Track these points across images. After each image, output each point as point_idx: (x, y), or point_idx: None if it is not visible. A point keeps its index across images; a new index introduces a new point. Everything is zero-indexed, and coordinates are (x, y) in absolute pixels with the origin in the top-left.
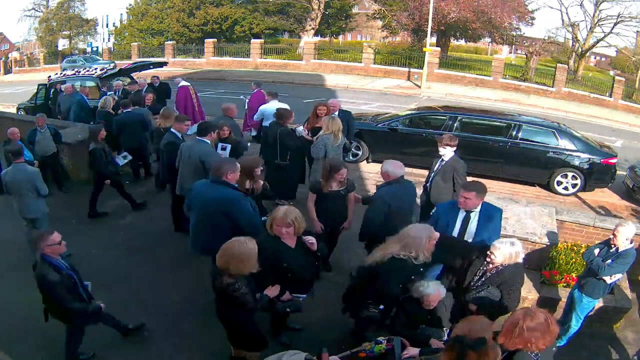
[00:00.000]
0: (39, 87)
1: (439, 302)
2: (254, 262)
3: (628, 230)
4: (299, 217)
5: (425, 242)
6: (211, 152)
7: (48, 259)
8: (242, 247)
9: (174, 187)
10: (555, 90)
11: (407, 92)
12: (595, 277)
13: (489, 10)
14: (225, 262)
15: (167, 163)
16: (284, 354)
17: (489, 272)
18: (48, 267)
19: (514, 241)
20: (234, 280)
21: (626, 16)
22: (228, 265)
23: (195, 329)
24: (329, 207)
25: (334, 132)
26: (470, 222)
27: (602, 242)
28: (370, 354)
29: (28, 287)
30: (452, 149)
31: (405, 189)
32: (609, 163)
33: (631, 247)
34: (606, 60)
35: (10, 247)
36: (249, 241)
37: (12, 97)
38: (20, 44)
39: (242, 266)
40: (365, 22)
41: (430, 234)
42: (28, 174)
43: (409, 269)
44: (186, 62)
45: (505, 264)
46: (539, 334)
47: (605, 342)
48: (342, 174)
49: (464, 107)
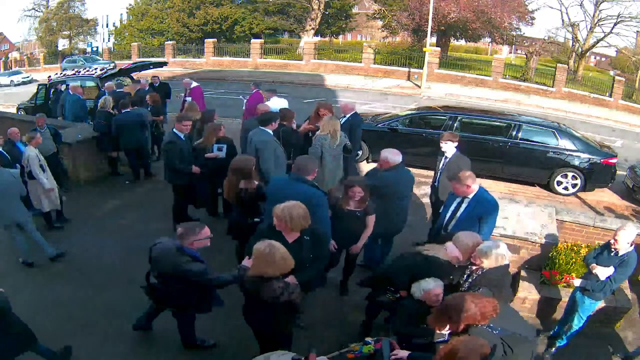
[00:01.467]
0: (39, 87)
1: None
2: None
3: (629, 234)
4: (294, 214)
5: (472, 247)
6: (268, 141)
7: (188, 250)
8: (280, 249)
9: (176, 186)
10: (555, 90)
11: (407, 92)
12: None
13: (489, 10)
14: (275, 268)
15: (167, 163)
16: (272, 354)
17: (474, 273)
18: (188, 257)
19: (498, 243)
20: (283, 284)
21: (626, 16)
22: (276, 270)
23: (198, 329)
24: (339, 228)
25: (331, 133)
26: (461, 207)
27: (602, 246)
28: (358, 354)
29: (28, 288)
30: (453, 144)
31: (403, 175)
32: (609, 163)
33: (631, 250)
34: (606, 60)
35: (10, 247)
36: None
37: (12, 97)
38: (20, 44)
39: (286, 266)
40: (365, 22)
41: (477, 240)
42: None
43: (448, 272)
44: (186, 62)
45: (493, 266)
46: (474, 309)
47: (605, 342)
48: (354, 192)
49: (464, 107)
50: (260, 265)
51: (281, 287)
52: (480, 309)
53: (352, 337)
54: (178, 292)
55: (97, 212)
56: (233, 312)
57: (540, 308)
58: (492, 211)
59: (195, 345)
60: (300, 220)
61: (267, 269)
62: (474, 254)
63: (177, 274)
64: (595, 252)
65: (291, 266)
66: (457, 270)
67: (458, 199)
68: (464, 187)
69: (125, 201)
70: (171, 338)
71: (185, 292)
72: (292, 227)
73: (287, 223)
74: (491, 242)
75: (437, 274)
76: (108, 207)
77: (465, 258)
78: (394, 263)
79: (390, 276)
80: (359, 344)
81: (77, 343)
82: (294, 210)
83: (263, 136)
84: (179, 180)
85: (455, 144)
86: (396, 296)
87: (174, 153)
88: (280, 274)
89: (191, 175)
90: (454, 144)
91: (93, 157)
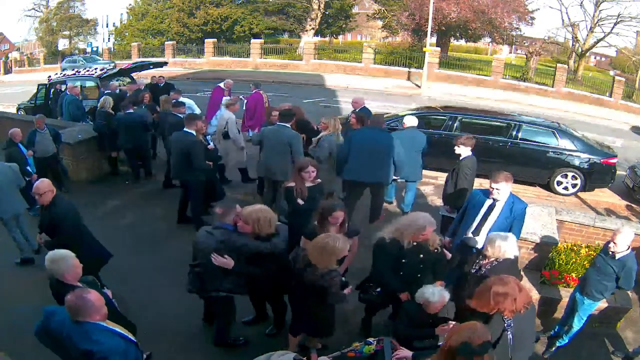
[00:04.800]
0: (39, 87)
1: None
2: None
3: (626, 236)
4: (262, 219)
5: (413, 230)
6: (297, 135)
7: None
8: (335, 243)
9: (196, 185)
10: (555, 90)
11: (407, 92)
12: (597, 279)
13: (489, 10)
14: (323, 257)
15: (195, 163)
16: (272, 354)
17: (484, 267)
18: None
19: (508, 235)
20: (328, 271)
21: (626, 16)
22: (328, 259)
23: (198, 329)
24: None
25: (337, 132)
26: (494, 210)
27: (602, 250)
28: (359, 354)
29: (27, 287)
30: (466, 147)
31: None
32: (609, 163)
33: (629, 253)
34: (606, 60)
35: (9, 247)
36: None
37: (12, 97)
38: (20, 44)
39: (334, 258)
40: (365, 22)
41: (423, 225)
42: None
43: (394, 252)
44: (186, 62)
45: (500, 258)
46: (509, 299)
47: (605, 342)
48: (336, 217)
49: (464, 107)
50: (314, 253)
51: (324, 274)
52: (522, 298)
53: (353, 337)
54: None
55: (97, 212)
56: None
57: (540, 308)
58: (524, 209)
59: (227, 344)
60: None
61: (320, 257)
62: (485, 244)
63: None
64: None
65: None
66: (407, 248)
67: (490, 201)
68: (506, 190)
69: (125, 201)
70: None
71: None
72: (258, 230)
73: (256, 227)
74: (501, 233)
75: (385, 254)
76: (108, 207)
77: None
78: (375, 262)
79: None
80: (360, 344)
81: None
82: (260, 215)
83: (291, 132)
84: (201, 178)
85: (469, 148)
86: (377, 291)
87: (200, 152)
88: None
89: (207, 171)
90: (468, 148)
91: (93, 157)
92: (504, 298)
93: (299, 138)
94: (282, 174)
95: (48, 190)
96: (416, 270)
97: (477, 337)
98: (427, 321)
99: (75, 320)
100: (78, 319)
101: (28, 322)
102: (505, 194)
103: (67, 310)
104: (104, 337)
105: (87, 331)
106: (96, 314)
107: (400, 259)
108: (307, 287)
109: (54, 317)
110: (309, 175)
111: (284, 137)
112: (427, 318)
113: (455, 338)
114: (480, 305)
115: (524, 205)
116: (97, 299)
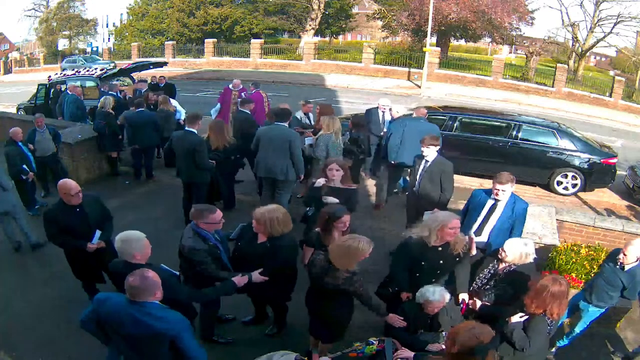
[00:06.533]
0: (39, 87)
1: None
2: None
3: (638, 248)
4: (275, 219)
5: (439, 223)
6: (295, 133)
7: (198, 230)
8: (358, 244)
9: (201, 185)
10: (555, 90)
11: (407, 92)
12: (603, 289)
13: (489, 10)
14: (347, 259)
15: (200, 163)
16: (274, 354)
17: (500, 271)
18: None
19: (526, 241)
20: (350, 274)
21: (626, 16)
22: (351, 261)
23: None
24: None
25: (335, 131)
26: (496, 210)
27: (608, 259)
28: (360, 354)
29: (27, 287)
30: (435, 148)
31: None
32: (609, 163)
33: (638, 264)
34: (606, 60)
35: (8, 247)
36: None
37: (12, 97)
38: (20, 44)
39: (356, 260)
40: (365, 22)
41: (448, 218)
42: None
43: (415, 253)
44: (186, 62)
45: (517, 263)
46: (559, 302)
47: (605, 342)
48: (343, 222)
49: (464, 107)
50: (337, 255)
51: (346, 277)
52: (561, 306)
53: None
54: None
55: None
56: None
57: None
58: (525, 210)
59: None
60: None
61: (345, 260)
62: (501, 248)
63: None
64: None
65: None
66: (430, 250)
67: (491, 202)
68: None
69: (126, 201)
70: None
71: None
72: (270, 232)
73: (268, 228)
74: (520, 239)
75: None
76: (108, 207)
77: (442, 242)
78: (393, 259)
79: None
80: (362, 344)
81: (77, 343)
82: (272, 215)
83: (288, 130)
84: (207, 178)
85: (437, 148)
86: (395, 289)
87: (205, 152)
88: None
89: (211, 170)
90: (436, 148)
91: (93, 157)
92: (559, 300)
93: (297, 136)
94: (282, 173)
95: (79, 190)
96: (432, 277)
97: (484, 335)
98: (425, 323)
99: (134, 301)
100: (139, 299)
101: (28, 322)
102: (508, 194)
103: (128, 291)
104: (169, 314)
105: (149, 311)
106: (158, 292)
107: (420, 261)
108: (322, 291)
109: (107, 302)
110: (332, 174)
111: (283, 136)
112: (425, 319)
113: (461, 340)
114: (536, 306)
115: (525, 205)
116: (157, 278)
